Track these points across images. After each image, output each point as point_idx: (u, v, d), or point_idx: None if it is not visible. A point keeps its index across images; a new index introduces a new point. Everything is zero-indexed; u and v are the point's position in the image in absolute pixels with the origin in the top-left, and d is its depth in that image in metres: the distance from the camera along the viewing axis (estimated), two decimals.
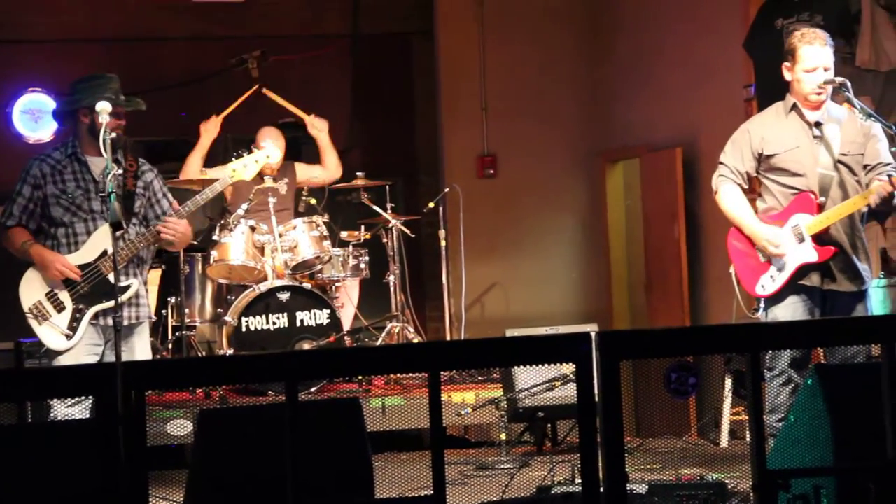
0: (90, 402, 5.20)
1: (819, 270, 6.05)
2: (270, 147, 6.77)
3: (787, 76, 6.20)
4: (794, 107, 6.17)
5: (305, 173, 9.29)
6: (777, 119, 6.22)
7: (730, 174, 6.24)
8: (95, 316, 5.98)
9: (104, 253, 5.95)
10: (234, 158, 6.66)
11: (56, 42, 10.64)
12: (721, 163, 6.29)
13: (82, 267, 5.96)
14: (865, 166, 6.12)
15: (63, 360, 5.94)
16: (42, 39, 10.64)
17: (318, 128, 9.40)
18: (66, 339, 5.94)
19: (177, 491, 4.73)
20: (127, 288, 5.99)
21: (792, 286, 6.06)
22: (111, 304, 5.83)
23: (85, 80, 6.16)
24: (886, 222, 7.83)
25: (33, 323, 5.98)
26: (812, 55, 6.08)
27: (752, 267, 6.17)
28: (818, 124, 6.13)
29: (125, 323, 5.93)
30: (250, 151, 6.53)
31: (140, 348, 6.13)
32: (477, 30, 10.92)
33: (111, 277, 5.84)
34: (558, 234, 11.15)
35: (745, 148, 6.22)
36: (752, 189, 6.44)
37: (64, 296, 5.96)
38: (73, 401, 5.70)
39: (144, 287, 6.18)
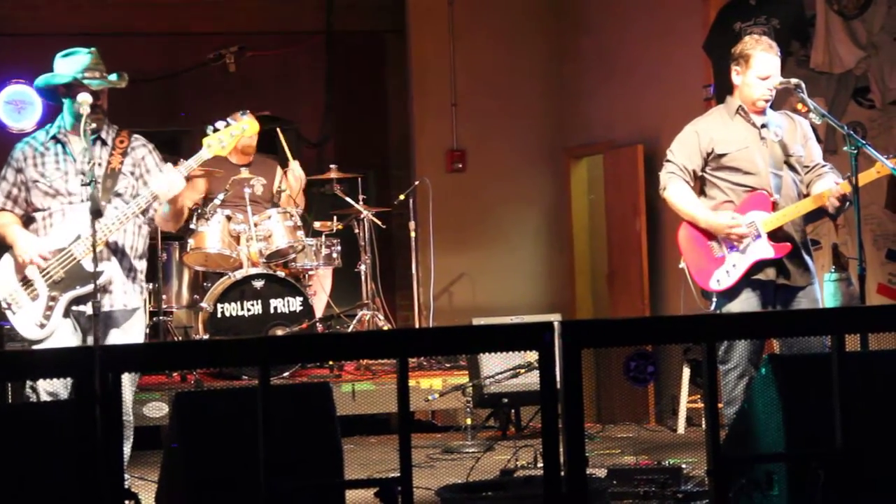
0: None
1: (774, 265, 6.06)
2: (250, 121, 5.98)
3: (736, 80, 6.21)
4: (739, 109, 6.20)
5: (282, 184, 9.03)
6: (723, 121, 6.23)
7: (679, 171, 6.21)
8: (73, 303, 5.65)
9: (78, 237, 5.63)
10: (208, 133, 5.87)
11: (34, 35, 10.47)
12: (669, 160, 6.28)
13: (56, 252, 5.63)
14: (805, 167, 6.22)
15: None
16: (21, 33, 10.56)
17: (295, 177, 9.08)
18: (40, 328, 5.62)
19: (152, 471, 4.72)
20: (100, 274, 5.51)
21: (746, 281, 6.06)
22: (85, 290, 5.59)
23: (64, 56, 5.78)
24: (838, 219, 7.85)
25: (7, 312, 5.70)
26: (766, 63, 6.10)
27: (705, 261, 6.15)
28: (764, 126, 6.17)
29: (102, 309, 5.57)
30: (228, 125, 5.88)
31: (119, 339, 5.72)
32: (447, 28, 10.97)
33: (85, 263, 5.60)
34: (524, 226, 11.19)
35: (694, 147, 6.21)
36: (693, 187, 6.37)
37: (39, 283, 5.64)
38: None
39: (130, 274, 5.78)
